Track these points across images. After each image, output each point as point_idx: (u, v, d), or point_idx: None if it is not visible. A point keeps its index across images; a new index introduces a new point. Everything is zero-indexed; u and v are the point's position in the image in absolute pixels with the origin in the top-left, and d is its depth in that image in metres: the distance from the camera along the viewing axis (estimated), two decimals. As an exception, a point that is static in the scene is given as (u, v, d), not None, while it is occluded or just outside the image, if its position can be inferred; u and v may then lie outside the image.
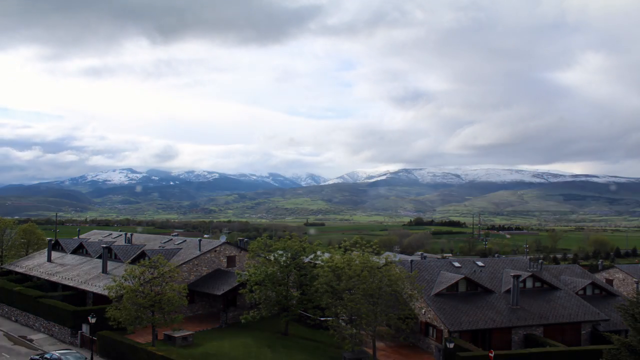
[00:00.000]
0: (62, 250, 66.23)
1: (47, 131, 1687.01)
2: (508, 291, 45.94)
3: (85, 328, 44.64)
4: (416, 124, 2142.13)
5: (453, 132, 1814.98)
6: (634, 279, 54.25)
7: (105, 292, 42.39)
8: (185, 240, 61.02)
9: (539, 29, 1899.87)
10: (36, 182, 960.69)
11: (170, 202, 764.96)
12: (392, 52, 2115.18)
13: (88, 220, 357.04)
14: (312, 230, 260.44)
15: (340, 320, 40.69)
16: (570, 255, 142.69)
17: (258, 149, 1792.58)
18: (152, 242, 63.95)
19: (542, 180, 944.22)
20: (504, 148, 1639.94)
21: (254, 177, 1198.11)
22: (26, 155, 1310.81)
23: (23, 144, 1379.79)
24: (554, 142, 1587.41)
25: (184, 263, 52.76)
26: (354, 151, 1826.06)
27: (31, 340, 46.88)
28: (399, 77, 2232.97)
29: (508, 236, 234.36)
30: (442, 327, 41.32)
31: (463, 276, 46.24)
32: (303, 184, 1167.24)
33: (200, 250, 55.13)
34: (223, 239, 77.46)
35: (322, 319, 44.69)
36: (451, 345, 36.19)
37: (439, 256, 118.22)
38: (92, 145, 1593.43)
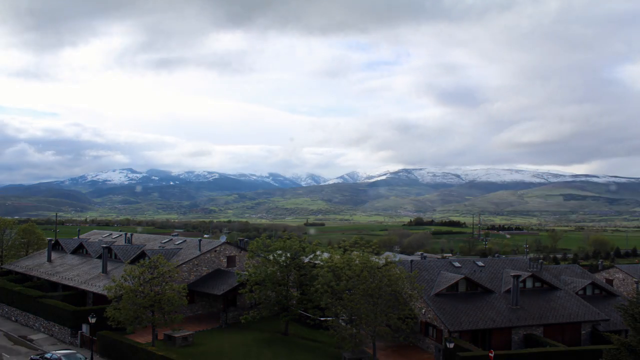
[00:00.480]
0: (62, 250, 66.24)
1: (67, 129, 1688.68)
2: (508, 291, 45.93)
3: (85, 328, 44.66)
4: (458, 121, 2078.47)
5: (500, 130, 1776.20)
6: (634, 279, 54.23)
7: (105, 292, 42.39)
8: (185, 240, 61.03)
9: (618, 19, 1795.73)
10: (36, 182, 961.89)
11: (170, 202, 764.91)
12: (456, 43, 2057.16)
13: (88, 220, 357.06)
14: (312, 230, 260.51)
15: (340, 320, 40.68)
16: (570, 255, 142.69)
17: (281, 150, 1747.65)
18: (152, 242, 63.96)
19: (542, 180, 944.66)
20: (547, 147, 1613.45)
21: (254, 177, 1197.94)
22: (47, 153, 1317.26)
23: (43, 142, 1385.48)
24: (605, 140, 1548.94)
25: (184, 263, 52.77)
26: (379, 149, 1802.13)
27: (31, 340, 46.90)
28: (455, 70, 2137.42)
29: (508, 236, 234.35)
30: (442, 327, 41.31)
31: (463, 276, 46.23)
32: (303, 184, 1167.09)
33: (200, 250, 55.13)
34: (223, 239, 77.43)
35: (322, 319, 44.65)
36: (451, 345, 36.18)
37: (439, 256, 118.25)
38: (111, 143, 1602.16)
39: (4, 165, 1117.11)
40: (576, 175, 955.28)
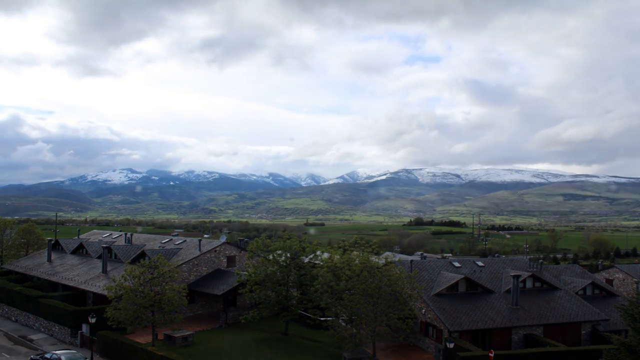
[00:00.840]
0: (62, 250, 66.22)
1: (79, 126, 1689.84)
2: (508, 291, 45.93)
3: (85, 328, 44.67)
4: (495, 120, 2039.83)
5: (538, 129, 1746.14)
6: (634, 279, 54.22)
7: (105, 292, 42.39)
8: (185, 240, 61.02)
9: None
10: (36, 182, 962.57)
11: (170, 202, 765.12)
12: (505, 38, 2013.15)
13: (88, 220, 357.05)
14: (312, 230, 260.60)
15: (340, 320, 40.67)
16: (570, 255, 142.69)
17: (296, 152, 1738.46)
18: (152, 242, 63.96)
19: (542, 180, 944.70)
20: (587, 145, 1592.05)
21: (254, 177, 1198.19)
22: (62, 153, 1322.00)
23: (60, 141, 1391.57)
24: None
25: (184, 263, 52.76)
26: (407, 147, 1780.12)
27: (31, 340, 46.90)
28: (501, 66, 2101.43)
29: (508, 236, 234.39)
30: (442, 327, 41.30)
31: (463, 276, 46.22)
32: (303, 184, 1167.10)
33: (200, 250, 55.12)
34: (223, 239, 77.54)
35: (322, 319, 44.66)
36: (451, 345, 36.17)
37: (439, 256, 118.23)
38: (125, 142, 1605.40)
39: (14, 164, 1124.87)
40: (576, 175, 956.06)
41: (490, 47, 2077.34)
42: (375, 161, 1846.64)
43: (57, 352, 38.50)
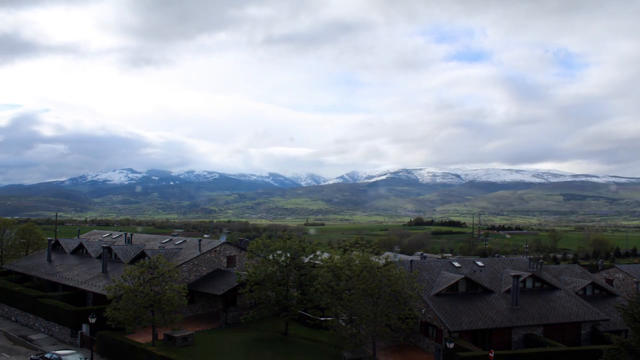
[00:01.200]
0: (62, 250, 66.24)
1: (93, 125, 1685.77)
2: (508, 291, 45.93)
3: (85, 328, 44.69)
4: (532, 120, 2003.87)
5: (576, 129, 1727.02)
6: (634, 279, 54.18)
7: (105, 292, 42.39)
8: (185, 240, 61.03)
9: None
10: (36, 182, 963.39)
11: (170, 202, 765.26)
12: (560, 32, 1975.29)
13: (88, 220, 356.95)
14: (312, 231, 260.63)
15: (340, 320, 40.68)
16: (570, 255, 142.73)
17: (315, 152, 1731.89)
18: (152, 242, 63.97)
19: (542, 180, 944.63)
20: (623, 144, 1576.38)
21: (254, 177, 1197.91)
22: (76, 154, 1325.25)
23: (75, 140, 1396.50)
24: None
25: (184, 263, 52.77)
26: (433, 147, 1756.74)
27: (31, 340, 46.90)
28: (554, 62, 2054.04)
29: (508, 236, 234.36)
30: (442, 327, 41.30)
31: (463, 276, 46.22)
32: (303, 184, 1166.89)
33: (200, 250, 55.13)
34: (223, 239, 77.52)
35: (322, 319, 44.67)
36: (451, 345, 36.17)
37: (439, 256, 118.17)
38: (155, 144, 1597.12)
39: (26, 163, 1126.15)
40: (576, 175, 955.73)
41: (540, 42, 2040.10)
42: (398, 159, 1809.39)
43: (57, 352, 38.52)
